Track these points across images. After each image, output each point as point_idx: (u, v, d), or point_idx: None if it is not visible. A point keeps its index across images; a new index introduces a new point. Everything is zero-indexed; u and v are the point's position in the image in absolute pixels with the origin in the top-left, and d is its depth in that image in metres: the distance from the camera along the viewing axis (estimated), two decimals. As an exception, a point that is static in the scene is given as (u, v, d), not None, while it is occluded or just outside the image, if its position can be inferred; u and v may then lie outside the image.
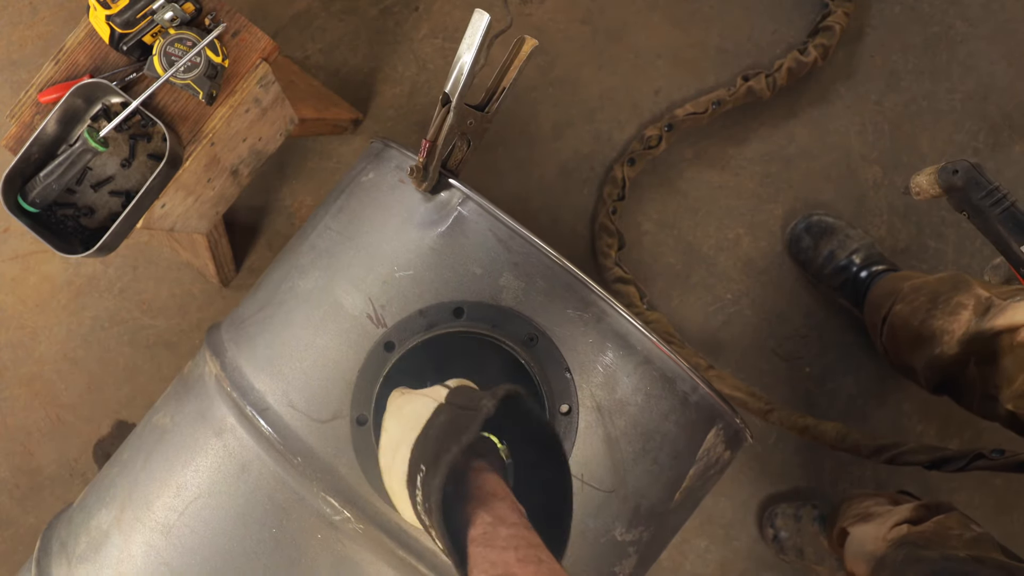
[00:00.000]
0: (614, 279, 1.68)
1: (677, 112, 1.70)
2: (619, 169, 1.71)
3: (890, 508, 1.31)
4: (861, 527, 1.30)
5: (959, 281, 1.32)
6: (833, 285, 1.64)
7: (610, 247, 1.69)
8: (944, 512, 1.23)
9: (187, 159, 1.23)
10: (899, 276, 1.52)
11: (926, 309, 1.33)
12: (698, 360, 1.50)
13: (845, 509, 1.42)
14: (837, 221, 1.69)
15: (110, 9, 1.14)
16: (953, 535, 1.15)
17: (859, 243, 1.65)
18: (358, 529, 0.87)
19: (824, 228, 1.68)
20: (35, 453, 1.81)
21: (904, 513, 1.25)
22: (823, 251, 1.66)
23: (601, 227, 1.71)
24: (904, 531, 1.20)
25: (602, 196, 1.73)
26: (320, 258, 0.98)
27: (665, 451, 0.93)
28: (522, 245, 0.89)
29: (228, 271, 1.76)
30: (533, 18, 1.80)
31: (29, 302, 1.82)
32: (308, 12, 1.81)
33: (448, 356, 0.93)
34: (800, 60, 1.69)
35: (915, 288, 1.41)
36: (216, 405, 0.95)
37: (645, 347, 0.90)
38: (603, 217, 1.71)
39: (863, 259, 1.62)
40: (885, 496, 1.41)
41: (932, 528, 1.18)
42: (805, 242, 1.68)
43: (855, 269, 1.61)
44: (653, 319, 1.62)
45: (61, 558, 1.00)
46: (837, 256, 1.64)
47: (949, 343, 1.26)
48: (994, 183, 1.13)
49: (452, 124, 0.90)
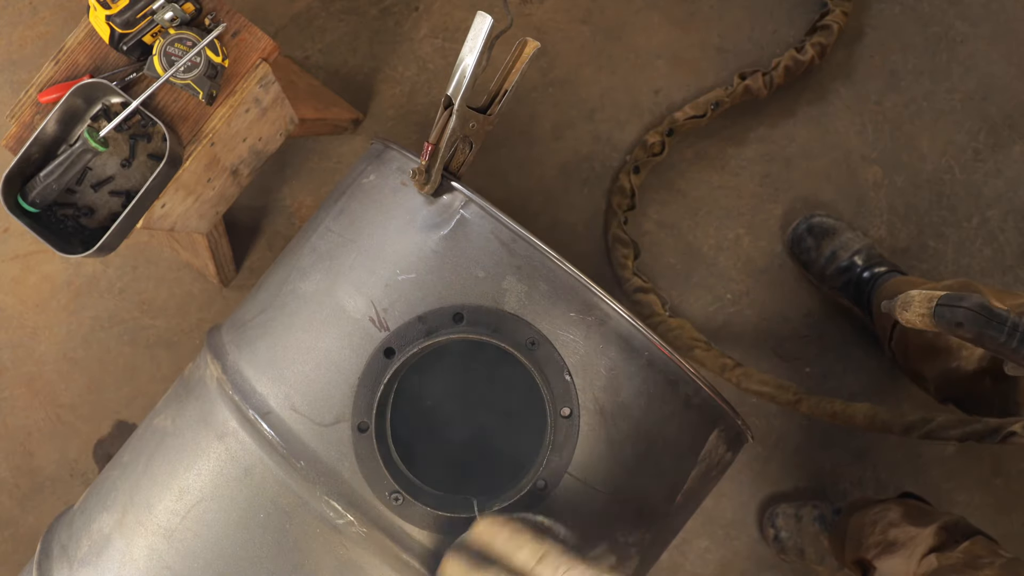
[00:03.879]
0: (634, 289, 1.66)
1: (677, 116, 1.70)
2: (625, 178, 1.70)
3: (911, 532, 1.28)
4: (888, 561, 1.28)
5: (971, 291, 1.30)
6: (836, 286, 1.64)
7: (626, 257, 1.68)
8: (963, 532, 1.22)
9: (187, 159, 1.23)
10: (904, 281, 1.52)
11: None
12: (725, 360, 1.48)
13: (857, 529, 1.40)
14: (838, 222, 1.69)
15: (110, 9, 1.14)
16: (984, 563, 1.14)
17: (860, 244, 1.65)
18: (361, 533, 0.87)
19: (826, 229, 1.68)
20: (35, 453, 1.80)
21: (928, 540, 1.23)
22: (825, 251, 1.66)
23: (614, 238, 1.70)
24: (934, 563, 1.18)
25: (611, 206, 1.71)
26: (321, 260, 0.98)
27: (667, 453, 0.93)
28: (525, 248, 0.89)
29: (228, 271, 1.76)
30: (533, 18, 1.79)
31: (29, 302, 1.81)
32: (308, 12, 1.81)
33: (449, 359, 0.93)
34: (797, 59, 1.68)
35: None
36: (218, 408, 0.95)
37: (649, 350, 0.90)
38: (615, 228, 1.69)
39: (865, 260, 1.62)
40: (892, 503, 1.40)
41: (962, 559, 1.17)
42: (807, 243, 1.68)
43: (858, 270, 1.61)
44: (676, 325, 1.59)
45: (62, 562, 1.00)
46: (839, 257, 1.64)
47: (968, 359, 1.25)
48: (1008, 319, 0.96)
49: (454, 127, 0.90)
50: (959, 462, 1.70)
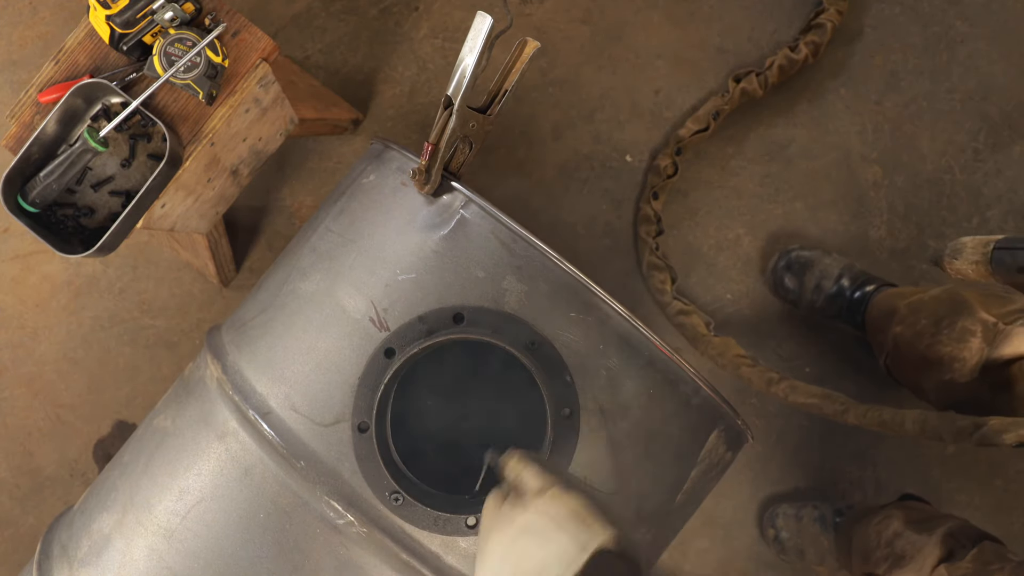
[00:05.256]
0: (676, 312, 1.65)
1: (681, 133, 1.70)
2: (647, 206, 1.70)
3: (917, 542, 1.27)
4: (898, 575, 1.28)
5: (958, 302, 1.30)
6: (829, 315, 1.63)
7: (663, 283, 1.68)
8: (969, 537, 1.21)
9: (187, 159, 1.23)
10: (894, 294, 1.51)
11: (931, 333, 1.31)
12: (771, 375, 1.46)
13: (862, 543, 1.39)
14: (812, 252, 1.67)
15: (110, 9, 1.14)
16: (994, 570, 1.13)
17: (840, 266, 1.63)
18: (361, 533, 0.87)
19: (803, 262, 1.66)
20: (35, 453, 1.80)
21: (936, 551, 1.22)
22: (809, 285, 1.64)
23: (650, 265, 1.69)
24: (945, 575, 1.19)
25: (640, 236, 1.72)
26: (321, 260, 0.98)
27: (667, 453, 0.93)
28: (525, 248, 0.89)
29: (228, 271, 1.76)
30: (533, 18, 1.79)
31: (29, 302, 1.81)
32: (308, 12, 1.81)
33: (449, 360, 0.93)
34: (791, 57, 1.68)
35: (913, 308, 1.39)
36: (218, 408, 0.95)
37: (649, 350, 0.90)
38: (648, 256, 1.69)
39: (852, 280, 1.60)
40: (893, 508, 1.39)
41: (972, 568, 1.16)
42: (789, 282, 1.66)
43: (847, 293, 1.60)
44: (720, 343, 1.57)
45: (62, 562, 1.00)
46: (824, 287, 1.62)
47: (961, 371, 1.24)
48: None
49: (454, 127, 0.90)
50: (959, 462, 1.70)
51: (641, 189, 1.76)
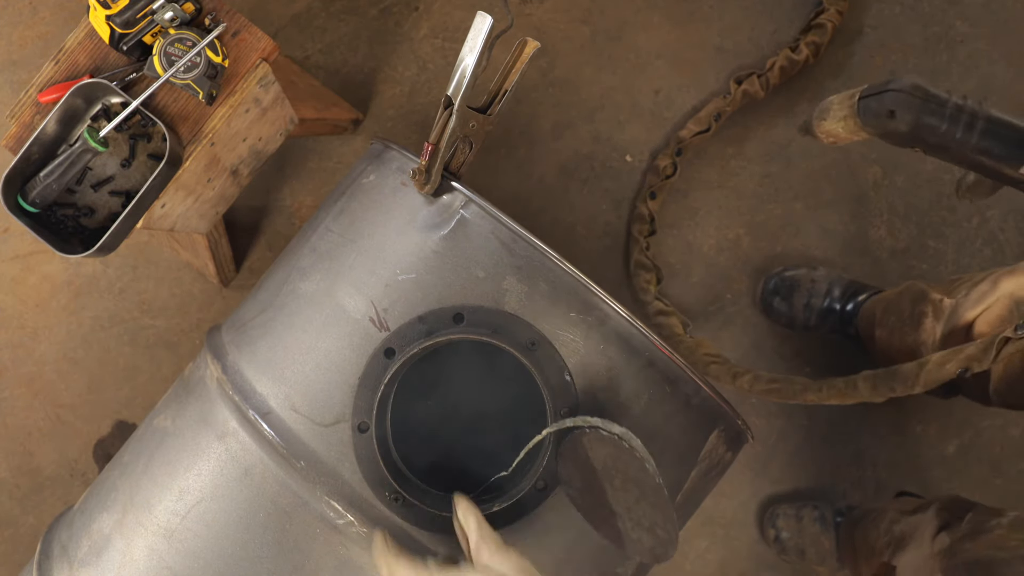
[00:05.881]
0: (655, 312, 1.66)
1: (682, 134, 1.70)
2: (643, 205, 1.71)
3: (914, 522, 1.28)
4: (904, 556, 1.26)
5: (915, 293, 1.32)
6: (825, 331, 1.63)
7: (648, 283, 1.68)
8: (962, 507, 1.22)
9: (187, 159, 1.23)
10: (876, 300, 1.52)
11: (900, 329, 1.33)
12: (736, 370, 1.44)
13: (864, 540, 1.39)
14: (798, 271, 1.67)
15: (110, 9, 1.14)
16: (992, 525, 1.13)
17: (828, 280, 1.63)
18: (361, 533, 0.87)
19: (790, 283, 1.66)
20: (35, 453, 1.80)
21: (933, 523, 1.22)
22: (799, 304, 1.64)
23: (637, 264, 1.70)
24: (947, 541, 1.18)
25: (632, 234, 1.72)
26: (321, 260, 0.98)
27: (667, 453, 0.93)
28: (525, 248, 0.89)
29: (228, 271, 1.76)
30: (533, 18, 1.79)
31: (29, 302, 1.81)
32: (308, 12, 1.81)
33: (450, 360, 0.93)
34: (792, 58, 1.69)
35: (885, 310, 1.41)
36: (218, 408, 0.95)
37: (649, 350, 0.90)
38: (637, 255, 1.70)
39: (841, 293, 1.61)
40: (886, 504, 1.40)
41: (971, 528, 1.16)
42: (779, 305, 1.67)
43: (839, 306, 1.60)
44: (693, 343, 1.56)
45: (62, 562, 1.00)
46: (814, 304, 1.62)
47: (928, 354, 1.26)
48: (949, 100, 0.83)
49: (454, 127, 0.90)
50: (959, 462, 1.70)
51: (638, 189, 1.76)
